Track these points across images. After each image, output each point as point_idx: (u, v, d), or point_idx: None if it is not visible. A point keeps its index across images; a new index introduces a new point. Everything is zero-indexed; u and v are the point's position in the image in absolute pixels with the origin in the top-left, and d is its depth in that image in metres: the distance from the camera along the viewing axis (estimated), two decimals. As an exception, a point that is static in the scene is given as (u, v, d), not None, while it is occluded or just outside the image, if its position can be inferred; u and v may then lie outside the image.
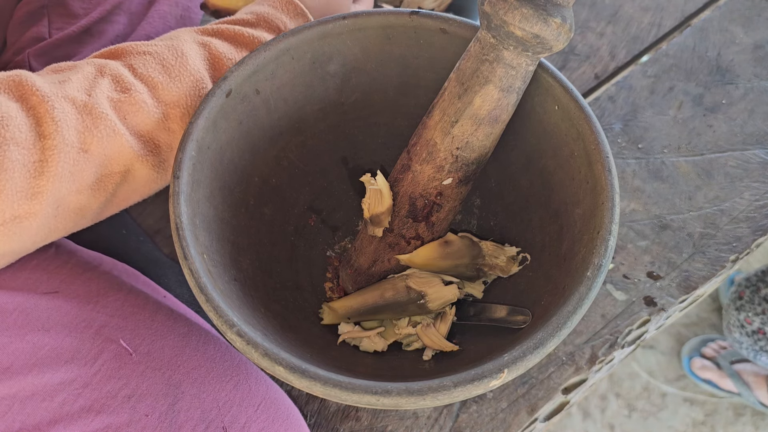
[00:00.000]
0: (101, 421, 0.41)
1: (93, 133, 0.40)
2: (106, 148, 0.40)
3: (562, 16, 0.39)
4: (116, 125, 0.41)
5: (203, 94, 0.44)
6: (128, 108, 0.42)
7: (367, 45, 0.49)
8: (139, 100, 0.42)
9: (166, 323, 0.46)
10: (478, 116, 0.43)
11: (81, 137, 0.39)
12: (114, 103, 0.41)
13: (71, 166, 0.39)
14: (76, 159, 0.39)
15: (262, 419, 0.44)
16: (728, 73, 0.70)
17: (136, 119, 0.42)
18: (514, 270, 0.47)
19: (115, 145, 0.41)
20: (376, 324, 0.48)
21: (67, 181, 0.39)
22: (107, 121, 0.40)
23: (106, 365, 0.43)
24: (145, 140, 0.43)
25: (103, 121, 0.40)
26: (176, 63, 0.44)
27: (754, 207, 0.63)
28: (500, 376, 0.35)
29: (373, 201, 0.47)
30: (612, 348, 0.57)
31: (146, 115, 0.42)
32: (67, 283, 0.47)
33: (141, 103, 0.42)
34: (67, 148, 0.38)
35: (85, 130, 0.39)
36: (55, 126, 0.38)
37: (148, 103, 0.42)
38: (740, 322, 1.11)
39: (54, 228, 0.41)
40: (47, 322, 0.44)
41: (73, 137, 0.39)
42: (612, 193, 0.40)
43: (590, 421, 1.23)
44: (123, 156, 0.41)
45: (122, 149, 0.41)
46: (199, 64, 0.45)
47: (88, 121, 0.40)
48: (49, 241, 0.42)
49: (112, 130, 0.40)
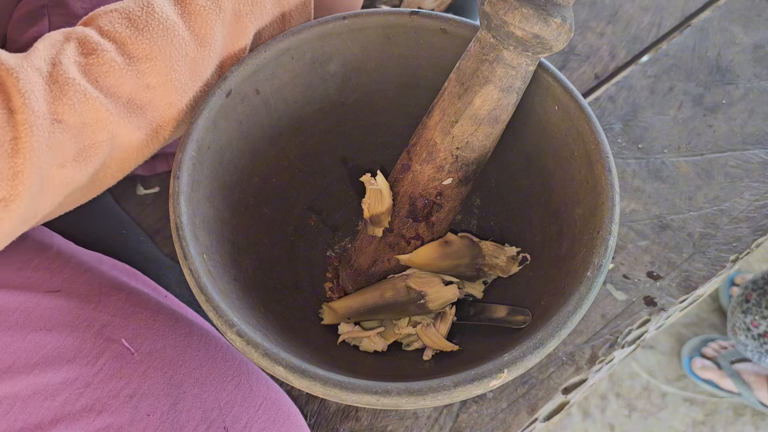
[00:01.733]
0: (103, 421, 0.41)
1: (62, 101, 0.37)
2: (81, 116, 0.38)
3: (562, 16, 0.39)
4: (87, 90, 0.38)
5: (179, 42, 0.41)
6: (98, 70, 0.39)
7: (367, 45, 0.48)
8: (108, 60, 0.39)
9: (168, 323, 0.46)
10: (478, 116, 0.43)
11: (51, 107, 0.37)
12: (82, 67, 0.39)
13: (47, 139, 0.36)
14: (51, 131, 0.37)
15: (263, 419, 0.44)
16: (728, 73, 0.70)
17: (109, 80, 0.39)
18: (514, 270, 0.47)
19: (89, 111, 0.38)
20: (376, 324, 0.48)
21: (45, 155, 0.37)
22: (76, 87, 0.38)
23: (108, 365, 0.43)
24: (123, 102, 0.40)
25: (71, 87, 0.37)
26: (143, 14, 0.41)
27: (754, 207, 0.63)
28: (500, 376, 0.35)
29: (373, 201, 0.47)
30: (612, 348, 0.57)
31: (119, 74, 0.39)
32: (69, 283, 0.47)
33: (110, 62, 0.39)
34: (39, 120, 0.36)
35: (54, 100, 0.37)
36: (23, 99, 0.35)
37: (119, 62, 0.39)
38: (746, 324, 1.11)
39: (42, 205, 0.39)
40: (49, 321, 0.44)
41: (42, 108, 0.36)
42: (612, 193, 0.40)
43: (590, 421, 1.23)
44: (102, 122, 0.39)
45: (99, 114, 0.39)
46: (168, 10, 0.41)
47: (55, 89, 0.37)
48: (43, 219, 0.41)
49: (83, 95, 0.38)
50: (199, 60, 0.42)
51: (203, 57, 0.42)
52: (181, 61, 0.41)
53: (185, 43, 0.41)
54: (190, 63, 0.41)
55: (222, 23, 0.43)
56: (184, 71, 0.41)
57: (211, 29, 0.42)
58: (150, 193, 0.64)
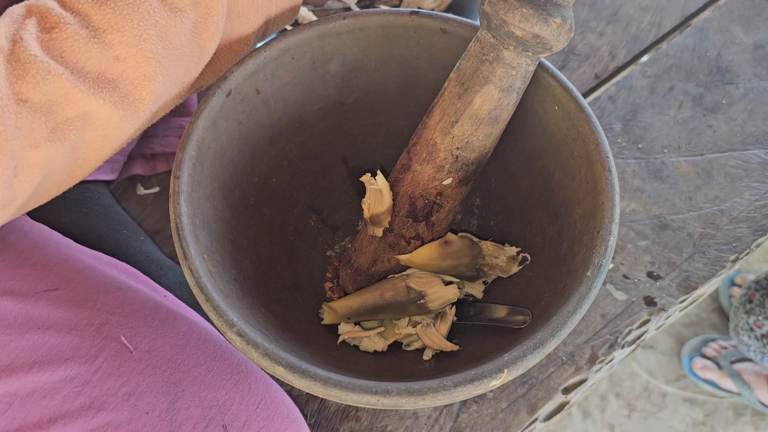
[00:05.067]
0: (101, 419, 0.41)
1: (25, 80, 0.36)
2: (47, 93, 0.36)
3: (562, 16, 0.39)
4: (50, 66, 0.36)
5: (147, 10, 0.39)
6: (62, 45, 0.37)
7: (367, 45, 0.49)
8: (71, 34, 0.37)
9: (167, 321, 0.46)
10: (478, 116, 0.43)
11: (13, 87, 0.35)
12: (44, 43, 0.37)
13: (15, 120, 0.35)
14: (17, 111, 0.35)
15: (262, 418, 0.44)
16: (728, 73, 0.70)
17: (74, 55, 0.37)
18: (514, 270, 0.47)
19: (56, 88, 0.37)
20: (376, 324, 0.48)
21: (15, 137, 0.36)
22: (38, 64, 0.36)
23: (107, 363, 0.43)
24: (92, 76, 0.38)
25: (33, 65, 0.36)
26: None
27: (754, 207, 0.63)
28: (500, 376, 0.35)
29: (373, 201, 0.47)
30: (612, 348, 0.57)
31: (84, 48, 0.37)
32: (67, 281, 0.46)
33: (74, 36, 0.37)
34: (3, 102, 0.35)
35: (17, 79, 0.36)
36: None
37: (83, 34, 0.37)
38: (749, 325, 1.11)
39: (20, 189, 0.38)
40: (47, 320, 0.44)
41: (5, 89, 0.35)
42: (612, 193, 0.40)
43: (590, 421, 1.23)
44: (71, 98, 0.37)
45: (67, 91, 0.37)
46: None
47: (18, 67, 0.36)
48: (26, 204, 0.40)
49: (47, 72, 0.36)
50: (171, 28, 0.40)
51: (175, 24, 0.40)
52: (150, 30, 0.39)
53: (153, 11, 0.39)
54: (161, 31, 0.39)
55: None
56: (155, 41, 0.39)
57: None
58: (150, 193, 0.64)
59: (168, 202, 0.41)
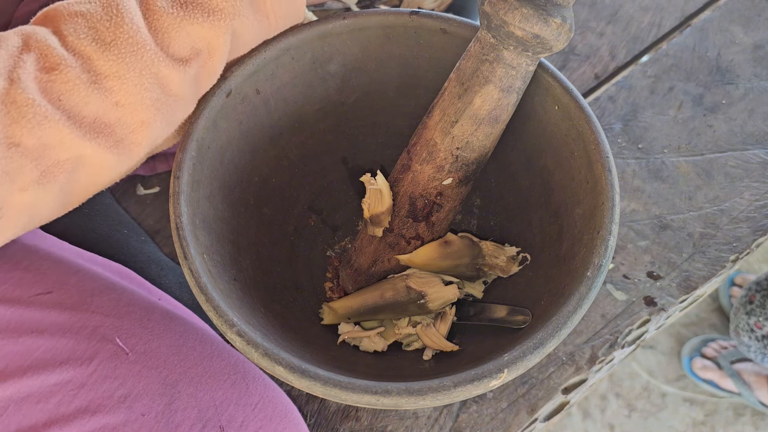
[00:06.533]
0: (97, 422, 0.41)
1: (20, 123, 0.35)
2: (41, 138, 0.35)
3: (562, 16, 0.39)
4: (47, 111, 0.35)
5: (150, 58, 0.38)
6: (61, 87, 0.36)
7: (367, 45, 0.49)
8: (72, 77, 0.36)
9: (162, 322, 0.46)
10: (478, 116, 0.43)
11: (7, 130, 0.34)
12: (42, 84, 0.36)
13: (4, 165, 0.35)
14: (8, 156, 0.35)
15: (260, 418, 0.44)
16: (728, 73, 0.70)
17: (73, 99, 0.36)
18: (514, 270, 0.47)
19: (51, 133, 0.36)
20: (376, 324, 0.48)
21: (2, 182, 0.35)
22: (36, 108, 0.35)
23: (102, 365, 0.43)
24: (89, 121, 0.37)
25: (30, 109, 0.35)
26: (111, 24, 0.37)
27: (754, 207, 0.63)
28: (500, 376, 0.35)
29: (373, 201, 0.47)
30: (612, 348, 0.57)
31: (84, 92, 0.37)
32: (60, 284, 0.46)
33: (75, 79, 0.36)
34: None
35: (11, 122, 0.35)
36: None
37: (83, 79, 0.37)
38: (750, 326, 1.11)
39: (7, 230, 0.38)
40: (41, 323, 0.44)
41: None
42: (612, 193, 0.40)
43: (590, 421, 1.23)
44: (65, 143, 0.36)
45: (62, 135, 0.36)
46: (139, 21, 0.38)
47: (13, 110, 0.35)
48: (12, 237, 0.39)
49: (44, 117, 0.35)
50: (172, 77, 0.40)
51: (177, 74, 0.40)
52: (152, 78, 0.39)
53: (157, 60, 0.39)
54: (162, 81, 0.39)
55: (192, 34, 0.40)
56: (155, 89, 0.39)
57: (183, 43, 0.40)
58: (150, 193, 0.64)
59: (168, 202, 0.41)
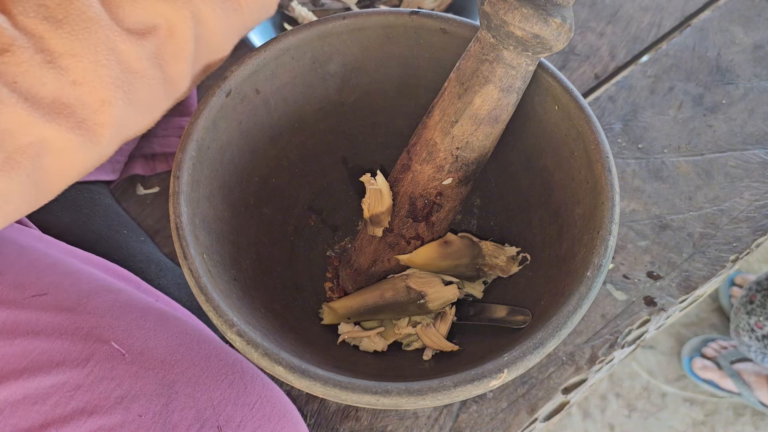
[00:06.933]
0: (94, 423, 0.41)
1: None
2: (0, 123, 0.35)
3: (562, 16, 0.39)
4: (3, 94, 0.35)
5: (104, 33, 0.37)
6: (15, 69, 0.35)
7: (367, 45, 0.49)
8: (26, 58, 0.35)
9: (159, 323, 0.46)
10: (478, 116, 0.43)
11: None
12: None
13: None
14: None
15: (258, 417, 0.44)
16: (728, 73, 0.70)
17: (29, 80, 0.35)
18: (514, 270, 0.47)
19: (9, 117, 0.35)
20: (376, 324, 0.48)
21: None
22: None
23: (98, 366, 0.43)
24: (47, 102, 0.36)
25: None
26: (62, 1, 0.36)
27: (754, 207, 0.63)
28: (500, 376, 0.35)
29: (373, 201, 0.47)
30: (612, 348, 0.57)
31: (39, 72, 0.36)
32: (56, 285, 0.46)
33: (29, 60, 0.35)
34: None
35: None
36: None
37: (37, 59, 0.36)
38: (750, 326, 1.11)
39: None
40: (36, 325, 0.43)
41: None
42: (612, 193, 0.40)
43: (590, 421, 1.23)
44: (25, 126, 0.35)
45: (20, 118, 0.35)
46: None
47: None
48: None
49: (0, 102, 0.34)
50: (130, 52, 0.38)
51: (134, 49, 0.38)
52: (109, 54, 0.37)
53: (112, 35, 0.37)
54: (120, 56, 0.38)
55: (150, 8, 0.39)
56: (113, 65, 0.37)
57: (139, 17, 0.38)
58: (150, 193, 0.64)
59: (168, 202, 0.41)
